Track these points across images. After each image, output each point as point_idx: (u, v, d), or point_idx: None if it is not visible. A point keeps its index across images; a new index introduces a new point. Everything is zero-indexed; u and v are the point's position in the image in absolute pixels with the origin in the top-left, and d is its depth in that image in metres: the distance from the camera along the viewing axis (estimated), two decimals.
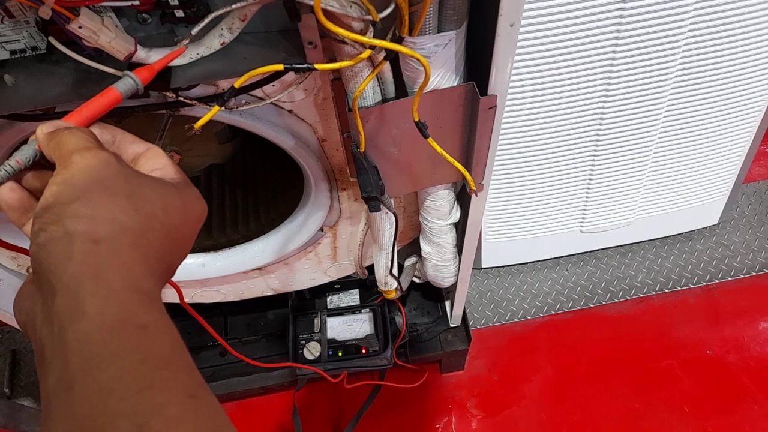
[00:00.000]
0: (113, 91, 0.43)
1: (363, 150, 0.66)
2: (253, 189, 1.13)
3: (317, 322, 1.24)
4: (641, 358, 1.44)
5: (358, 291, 1.30)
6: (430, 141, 0.63)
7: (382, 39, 0.52)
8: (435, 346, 1.32)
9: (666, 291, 1.53)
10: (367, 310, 1.25)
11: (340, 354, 1.19)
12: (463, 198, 0.88)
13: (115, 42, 0.47)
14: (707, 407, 1.36)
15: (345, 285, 1.29)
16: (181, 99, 0.59)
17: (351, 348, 1.20)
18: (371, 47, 0.51)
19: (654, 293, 1.53)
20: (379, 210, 0.77)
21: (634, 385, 1.40)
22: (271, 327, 1.37)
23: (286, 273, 1.08)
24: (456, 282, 1.11)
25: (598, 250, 1.59)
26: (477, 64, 0.62)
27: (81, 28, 0.45)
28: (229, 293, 1.13)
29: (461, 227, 0.93)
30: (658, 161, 1.30)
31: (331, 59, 0.55)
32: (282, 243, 0.98)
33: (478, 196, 0.78)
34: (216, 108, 0.51)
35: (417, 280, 1.17)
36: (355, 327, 1.23)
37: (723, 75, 1.11)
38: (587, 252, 1.59)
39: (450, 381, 1.45)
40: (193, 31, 0.48)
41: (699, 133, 1.25)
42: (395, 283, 1.06)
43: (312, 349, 1.19)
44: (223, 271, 1.03)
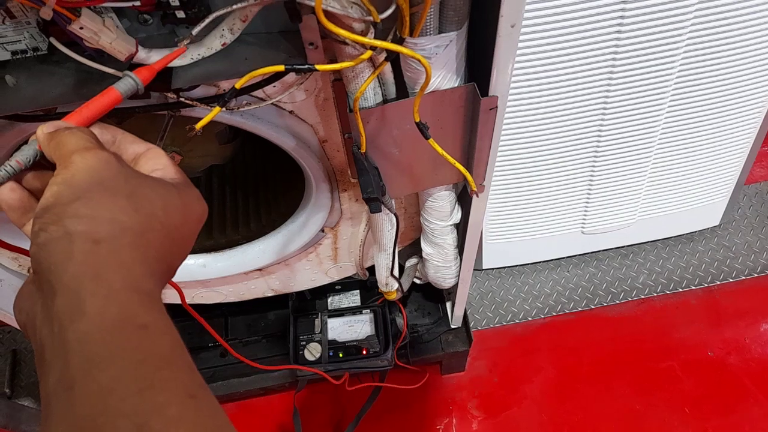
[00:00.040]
0: (113, 91, 0.43)
1: (364, 151, 0.66)
2: (254, 190, 1.13)
3: (318, 322, 1.24)
4: (642, 359, 1.44)
5: (358, 292, 1.29)
6: (431, 142, 0.63)
7: (383, 40, 0.52)
8: (436, 347, 1.32)
9: (667, 292, 1.53)
10: (368, 311, 1.25)
11: (340, 355, 1.18)
12: (464, 199, 0.88)
13: (116, 43, 0.47)
14: (708, 408, 1.35)
15: (346, 286, 1.29)
16: (182, 100, 0.59)
17: (352, 349, 1.19)
18: (372, 48, 0.51)
19: (655, 294, 1.52)
20: (380, 211, 0.77)
21: (635, 386, 1.40)
22: (272, 328, 1.37)
23: (286, 274, 1.08)
24: (457, 283, 1.11)
25: (599, 251, 1.59)
26: (478, 64, 0.62)
27: (82, 28, 0.45)
28: (230, 294, 1.13)
29: (462, 228, 0.93)
30: (659, 162, 1.30)
31: (332, 60, 0.55)
32: (283, 244, 0.98)
33: (479, 197, 0.78)
34: (217, 109, 0.51)
35: (418, 281, 1.17)
36: (356, 328, 1.23)
37: (724, 76, 1.11)
38: (588, 253, 1.59)
39: (451, 382, 1.45)
40: (194, 31, 0.48)
41: (700, 135, 1.25)
42: (396, 284, 1.06)
43: (313, 350, 1.19)
44: (224, 272, 1.03)
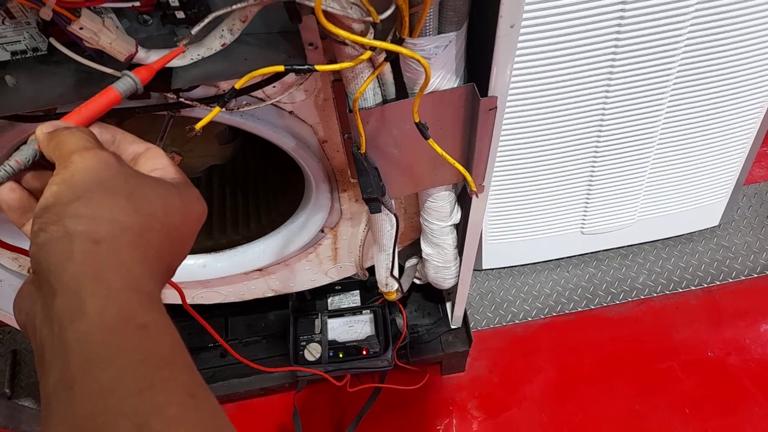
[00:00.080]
0: (112, 91, 0.43)
1: (364, 151, 0.66)
2: (254, 190, 1.13)
3: (318, 323, 1.24)
4: (642, 359, 1.44)
5: (358, 292, 1.30)
6: (430, 142, 0.63)
7: (382, 40, 0.52)
8: (436, 347, 1.32)
9: (667, 292, 1.53)
10: (368, 311, 1.25)
11: (340, 355, 1.18)
12: (464, 199, 0.88)
13: (116, 43, 0.47)
14: (708, 409, 1.35)
15: (346, 286, 1.29)
16: (182, 100, 0.60)
17: (352, 349, 1.19)
18: (372, 48, 0.51)
19: (655, 295, 1.52)
20: (380, 211, 0.77)
21: (635, 387, 1.40)
22: (272, 328, 1.37)
23: (286, 274, 1.08)
24: (457, 283, 1.11)
25: (599, 251, 1.59)
26: (477, 65, 0.62)
27: (82, 29, 0.45)
28: (230, 294, 1.13)
29: (462, 228, 0.93)
30: (658, 162, 1.30)
31: (332, 60, 0.55)
32: (283, 244, 0.98)
33: (478, 197, 0.78)
34: (217, 109, 0.51)
35: (418, 281, 1.17)
36: (356, 328, 1.23)
37: (723, 76, 1.11)
38: (588, 253, 1.59)
39: (451, 382, 1.45)
40: (193, 31, 0.48)
41: (699, 135, 1.25)
42: (396, 285, 1.06)
43: (313, 351, 1.19)
44: (224, 272, 1.03)
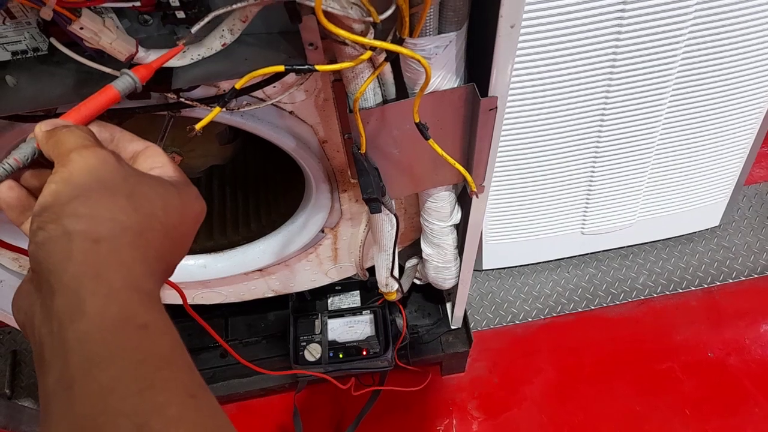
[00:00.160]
0: (111, 89, 0.43)
1: (364, 151, 0.66)
2: (254, 190, 1.13)
3: (318, 323, 1.24)
4: (642, 360, 1.44)
5: (358, 292, 1.29)
6: (430, 142, 0.63)
7: (382, 40, 0.52)
8: (436, 347, 1.32)
9: (667, 293, 1.53)
10: (368, 311, 1.25)
11: (341, 356, 1.18)
12: (464, 199, 0.88)
13: (117, 43, 0.47)
14: (708, 409, 1.35)
15: (346, 286, 1.29)
16: (182, 100, 0.59)
17: (352, 350, 1.19)
18: (372, 48, 0.51)
19: (655, 295, 1.52)
20: (380, 211, 0.77)
21: (635, 387, 1.40)
22: (272, 328, 1.37)
23: (286, 274, 1.08)
24: (457, 284, 1.10)
25: (599, 251, 1.59)
26: (477, 65, 0.62)
27: (82, 29, 0.45)
28: (230, 294, 1.12)
29: (462, 229, 0.93)
30: (659, 163, 1.30)
31: (332, 60, 0.55)
32: (283, 244, 0.98)
33: (478, 197, 0.78)
34: (217, 109, 0.51)
35: (418, 281, 1.17)
36: (356, 329, 1.23)
37: (724, 77, 1.11)
38: (588, 254, 1.59)
39: (451, 383, 1.44)
40: (193, 30, 0.48)
41: (700, 135, 1.25)
42: (396, 285, 1.06)
43: (313, 351, 1.19)
44: (224, 273, 1.03)
